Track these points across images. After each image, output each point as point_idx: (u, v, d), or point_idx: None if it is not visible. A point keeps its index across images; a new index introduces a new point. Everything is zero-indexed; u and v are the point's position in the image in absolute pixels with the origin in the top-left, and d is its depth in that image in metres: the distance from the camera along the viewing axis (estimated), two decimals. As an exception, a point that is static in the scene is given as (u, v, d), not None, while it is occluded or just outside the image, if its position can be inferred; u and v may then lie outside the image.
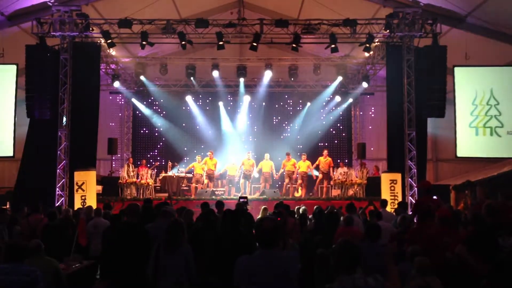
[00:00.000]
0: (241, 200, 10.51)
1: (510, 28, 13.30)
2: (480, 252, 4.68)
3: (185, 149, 19.09)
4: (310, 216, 9.17)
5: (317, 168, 15.89)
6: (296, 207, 10.55)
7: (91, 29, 13.74)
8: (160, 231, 4.91)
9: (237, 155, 17.02)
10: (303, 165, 15.50)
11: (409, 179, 13.35)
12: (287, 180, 15.60)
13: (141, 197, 14.28)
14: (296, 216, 9.19)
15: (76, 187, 12.80)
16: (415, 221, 7.57)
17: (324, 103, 19.47)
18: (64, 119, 13.47)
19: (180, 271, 4.60)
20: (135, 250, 4.85)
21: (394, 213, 9.81)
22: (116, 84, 17.52)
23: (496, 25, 13.32)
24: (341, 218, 7.54)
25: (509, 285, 3.87)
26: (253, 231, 3.93)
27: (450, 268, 4.90)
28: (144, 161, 16.65)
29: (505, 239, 5.00)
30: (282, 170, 15.81)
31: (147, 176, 14.98)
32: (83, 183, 12.80)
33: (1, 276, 4.43)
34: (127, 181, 14.67)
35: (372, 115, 19.61)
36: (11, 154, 14.15)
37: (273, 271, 3.45)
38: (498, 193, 9.39)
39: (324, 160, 15.61)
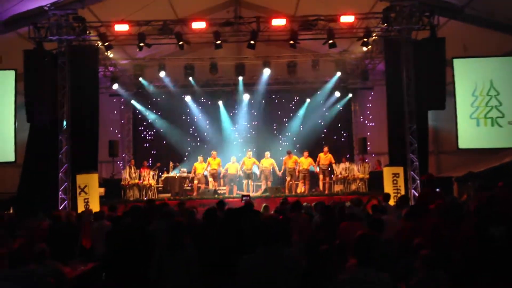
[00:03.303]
0: (244, 198, 10.51)
1: (508, 18, 13.27)
2: (479, 242, 4.68)
3: (187, 149, 19.09)
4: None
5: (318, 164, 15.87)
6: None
7: (88, 32, 13.73)
8: (162, 232, 4.91)
9: (237, 154, 17.07)
10: (305, 162, 15.48)
11: (412, 172, 13.34)
12: (288, 178, 15.58)
13: (143, 198, 14.28)
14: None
15: (78, 190, 12.82)
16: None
17: (323, 99, 19.47)
18: (64, 123, 13.46)
19: (183, 271, 4.59)
20: (138, 251, 4.85)
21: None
22: (115, 86, 17.50)
23: (494, 15, 13.30)
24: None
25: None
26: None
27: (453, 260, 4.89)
28: (145, 162, 16.64)
29: (496, 228, 5.00)
30: (283, 168, 15.80)
31: (149, 177, 14.98)
32: (85, 186, 12.83)
33: (6, 282, 4.46)
34: (130, 182, 14.67)
35: (372, 110, 19.56)
36: (12, 159, 14.19)
37: (276, 269, 3.45)
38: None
39: (324, 156, 15.59)
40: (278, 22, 13.40)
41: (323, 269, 4.90)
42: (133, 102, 19.39)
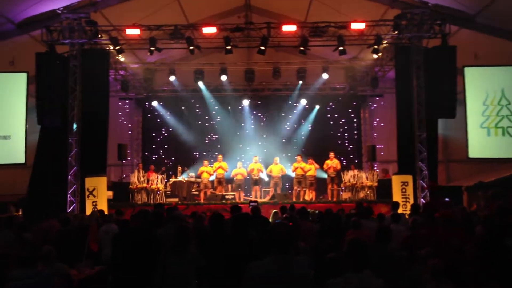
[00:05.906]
0: (252, 204, 10.50)
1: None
2: (489, 253, 4.61)
3: (195, 153, 19.11)
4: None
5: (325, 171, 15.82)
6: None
7: (99, 36, 13.83)
8: (170, 236, 4.90)
9: (245, 160, 17.09)
10: (309, 167, 15.48)
11: (421, 181, 13.25)
12: (296, 185, 15.55)
13: (151, 202, 14.31)
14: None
15: (87, 193, 12.86)
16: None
17: (332, 106, 19.45)
18: (75, 125, 13.54)
19: (189, 276, 4.58)
20: (144, 255, 4.84)
21: (407, 216, 9.73)
22: (125, 90, 17.61)
23: (505, 24, 13.21)
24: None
25: None
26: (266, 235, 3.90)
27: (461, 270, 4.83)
28: (152, 166, 16.66)
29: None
30: (293, 173, 15.78)
31: (157, 181, 15.03)
32: (94, 189, 12.87)
33: (15, 282, 4.52)
34: (138, 186, 14.72)
35: (382, 117, 19.45)
36: (22, 161, 14.28)
37: (286, 277, 3.41)
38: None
39: (331, 162, 15.55)
40: (289, 28, 13.43)
41: (331, 276, 4.86)
42: (142, 105, 19.48)
